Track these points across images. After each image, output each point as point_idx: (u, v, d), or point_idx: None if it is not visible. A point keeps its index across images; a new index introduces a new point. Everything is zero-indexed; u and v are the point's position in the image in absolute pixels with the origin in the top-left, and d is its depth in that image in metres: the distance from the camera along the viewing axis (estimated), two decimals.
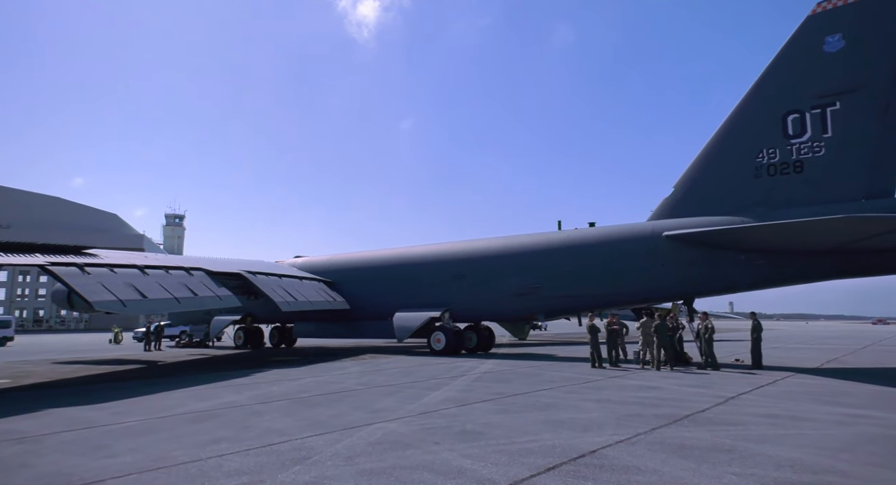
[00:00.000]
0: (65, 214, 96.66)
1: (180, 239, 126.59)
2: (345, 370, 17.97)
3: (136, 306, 16.21)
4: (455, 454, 6.85)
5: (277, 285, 23.75)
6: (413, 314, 24.97)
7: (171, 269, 19.11)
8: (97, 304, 15.03)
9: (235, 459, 6.79)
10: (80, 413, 10.37)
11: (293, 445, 7.49)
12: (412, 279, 26.44)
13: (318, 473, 6.11)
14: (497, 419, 9.20)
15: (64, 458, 7.01)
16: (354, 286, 27.97)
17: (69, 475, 6.19)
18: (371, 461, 6.57)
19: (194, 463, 6.62)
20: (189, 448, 7.40)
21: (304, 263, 30.87)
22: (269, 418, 9.64)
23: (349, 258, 30.18)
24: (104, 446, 7.60)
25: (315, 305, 25.27)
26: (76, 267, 15.62)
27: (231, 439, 7.91)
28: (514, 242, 24.93)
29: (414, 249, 28.17)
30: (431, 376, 16.02)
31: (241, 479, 5.94)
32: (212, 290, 19.36)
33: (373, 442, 7.59)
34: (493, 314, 26.07)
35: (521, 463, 6.42)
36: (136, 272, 17.33)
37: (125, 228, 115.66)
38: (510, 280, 23.83)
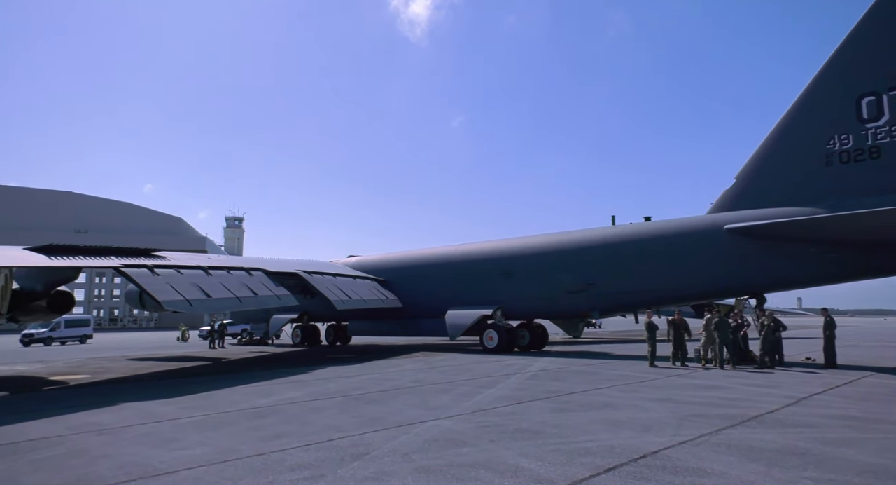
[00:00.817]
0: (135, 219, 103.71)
1: (240, 240, 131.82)
2: (399, 368, 18.19)
3: (201, 306, 16.97)
4: (511, 453, 6.80)
5: (332, 284, 24.31)
6: (465, 312, 25.00)
7: (233, 269, 19.89)
8: (166, 303, 15.84)
9: (297, 453, 6.99)
10: (153, 407, 10.95)
11: (351, 441, 7.64)
12: (464, 277, 26.47)
13: (377, 469, 6.20)
14: (553, 418, 9.07)
15: (140, 449, 7.41)
16: (407, 285, 28.27)
17: (145, 466, 6.54)
18: (428, 458, 6.61)
19: (259, 457, 6.86)
20: (253, 442, 7.67)
21: (357, 263, 31.46)
22: (327, 414, 9.87)
23: (401, 257, 30.51)
24: (175, 439, 7.99)
25: (368, 303, 25.70)
26: (147, 269, 16.51)
27: (292, 434, 8.15)
28: (567, 239, 24.53)
29: (465, 246, 28.18)
30: (485, 373, 15.99)
31: (302, 473, 6.10)
32: (270, 289, 20.02)
33: (429, 439, 7.63)
34: (545, 312, 25.76)
35: (580, 463, 6.30)
36: (200, 273, 18.13)
37: (189, 231, 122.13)
38: (562, 277, 23.46)
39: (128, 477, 6.08)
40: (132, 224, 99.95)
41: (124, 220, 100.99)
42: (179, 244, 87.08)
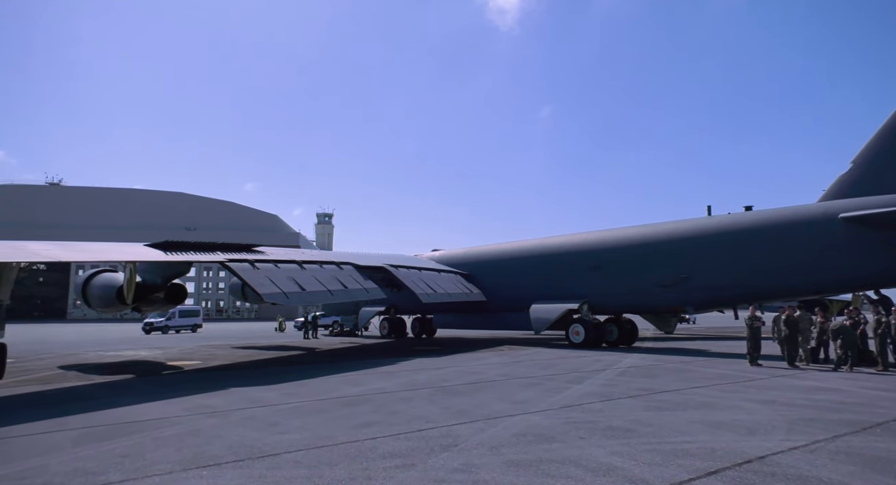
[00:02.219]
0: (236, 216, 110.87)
1: (329, 236, 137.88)
2: (484, 361, 18.26)
3: (296, 298, 17.93)
4: (603, 451, 6.62)
5: (418, 278, 24.79)
6: (550, 306, 24.62)
7: (324, 263, 20.82)
8: (266, 296, 16.89)
9: (388, 442, 7.22)
10: (256, 393, 11.74)
11: (440, 432, 7.77)
12: (548, 271, 26.05)
13: (466, 460, 6.26)
14: (646, 416, 8.72)
15: (246, 431, 7.97)
16: (491, 278, 28.27)
17: (251, 447, 7.03)
18: (516, 453, 6.59)
19: (352, 444, 7.16)
20: (347, 430, 8.01)
21: (442, 256, 31.86)
22: (415, 404, 10.11)
23: (485, 250, 30.55)
24: (277, 423, 8.52)
25: (453, 297, 25.97)
26: (248, 263, 17.69)
27: (383, 423, 8.43)
28: (658, 230, 23.43)
29: (550, 239, 27.71)
30: (572, 369, 15.68)
31: (394, 461, 6.29)
32: (359, 283, 20.77)
33: (517, 434, 7.61)
34: (634, 306, 24.79)
35: (677, 465, 6.01)
36: (295, 267, 19.16)
37: (284, 227, 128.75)
38: (653, 270, 22.47)
39: (236, 457, 6.56)
40: (234, 221, 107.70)
41: (227, 217, 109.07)
42: (275, 240, 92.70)
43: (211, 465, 6.22)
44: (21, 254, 13.64)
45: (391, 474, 5.78)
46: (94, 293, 18.22)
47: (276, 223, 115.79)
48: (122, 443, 7.32)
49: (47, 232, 76.55)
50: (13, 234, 59.19)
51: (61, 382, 14.01)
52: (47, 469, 6.13)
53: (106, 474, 5.93)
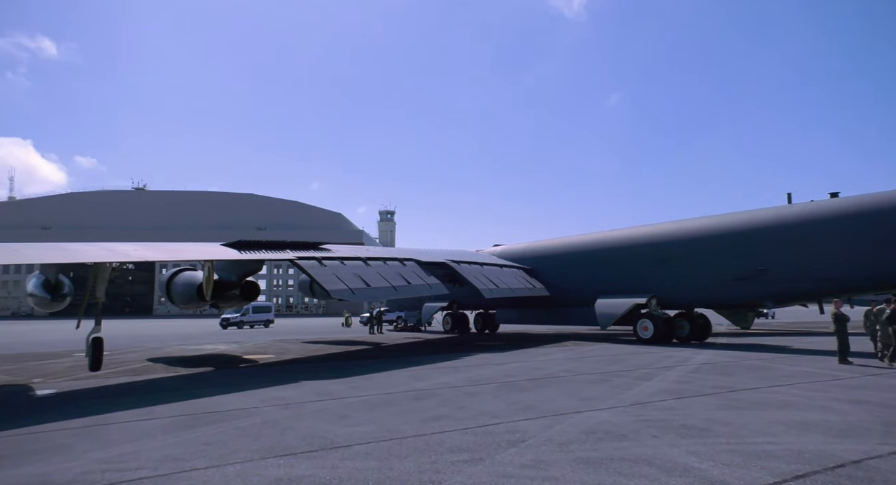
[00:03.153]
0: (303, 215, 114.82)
1: (392, 232, 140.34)
2: (548, 356, 18.03)
3: (362, 294, 18.37)
4: (678, 450, 6.38)
5: (480, 273, 24.78)
6: (616, 301, 23.96)
7: (388, 260, 21.20)
8: (333, 292, 17.40)
9: (455, 436, 7.26)
10: (327, 386, 12.13)
11: (507, 427, 7.74)
12: (614, 264, 25.35)
13: (534, 457, 6.21)
14: (723, 415, 8.33)
15: (318, 423, 8.25)
16: (554, 273, 27.85)
17: (323, 438, 7.27)
18: (586, 450, 6.46)
19: (421, 437, 7.25)
20: (415, 423, 8.13)
21: (503, 251, 31.69)
22: (481, 399, 10.12)
23: (548, 245, 30.11)
24: (347, 416, 8.77)
25: (515, 292, 25.79)
26: (316, 261, 18.29)
27: (449, 418, 8.49)
28: (732, 221, 22.27)
29: (616, 232, 26.93)
30: (641, 365, 15.20)
31: (462, 455, 6.32)
32: (422, 278, 21.00)
33: (585, 430, 7.46)
34: (707, 300, 23.71)
35: (760, 467, 5.70)
36: (360, 264, 19.62)
37: (348, 225, 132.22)
38: (727, 263, 21.39)
39: (310, 447, 6.80)
40: (300, 220, 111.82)
41: (294, 216, 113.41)
42: (339, 238, 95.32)
43: (287, 454, 6.48)
44: (113, 255, 14.72)
45: (459, 468, 5.81)
46: (177, 291, 19.39)
47: (341, 221, 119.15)
48: (206, 432, 7.76)
49: (133, 233, 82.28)
50: (105, 235, 64.11)
51: (150, 373, 15.03)
52: (141, 455, 6.59)
53: (192, 460, 6.30)
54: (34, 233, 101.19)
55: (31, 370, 16.01)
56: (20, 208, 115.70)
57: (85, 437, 7.60)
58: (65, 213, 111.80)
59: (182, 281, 19.42)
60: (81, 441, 7.34)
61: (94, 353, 14.94)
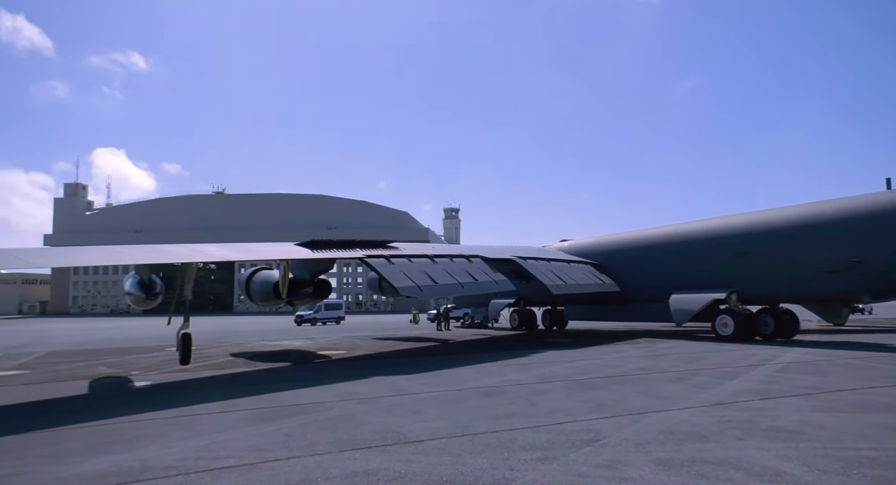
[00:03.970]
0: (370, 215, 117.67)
1: (457, 230, 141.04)
2: (621, 354, 17.51)
3: (429, 291, 18.57)
4: (767, 454, 6.00)
5: (547, 269, 24.42)
6: (693, 296, 22.92)
7: (454, 257, 21.30)
8: (401, 289, 17.70)
9: (527, 434, 7.19)
10: (398, 381, 12.36)
11: (580, 426, 7.58)
12: (690, 258, 24.24)
13: (610, 456, 6.04)
14: (817, 418, 7.76)
15: (391, 418, 8.42)
16: (625, 268, 27.01)
17: (397, 433, 7.40)
18: (665, 451, 6.21)
19: (492, 434, 7.24)
20: (485, 420, 8.12)
21: (571, 247, 31.08)
22: (552, 397, 9.97)
23: (618, 239, 29.24)
24: (419, 411, 8.89)
25: (584, 287, 25.22)
26: (384, 259, 18.66)
27: (520, 415, 8.42)
28: (821, 210, 20.73)
29: (691, 225, 25.75)
30: (720, 363, 14.46)
31: (535, 453, 6.25)
32: (489, 275, 20.95)
33: (664, 431, 7.18)
34: (793, 295, 22.25)
35: (862, 474, 5.26)
36: (427, 261, 19.83)
37: (413, 223, 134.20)
38: (815, 255, 19.95)
39: (384, 441, 6.95)
40: (368, 219, 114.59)
41: (362, 215, 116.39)
42: (405, 236, 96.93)
43: (362, 448, 6.65)
44: (198, 255, 15.66)
45: (533, 466, 5.75)
46: (255, 289, 20.38)
47: (406, 219, 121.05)
48: (286, 424, 8.10)
49: (214, 235, 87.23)
50: (189, 237, 68.37)
51: (232, 367, 15.89)
52: (228, 444, 6.98)
53: (274, 451, 6.60)
54: (128, 236, 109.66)
55: (129, 364, 17.33)
56: (116, 213, 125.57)
57: (178, 426, 8.14)
58: (154, 216, 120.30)
59: (260, 280, 20.38)
60: (175, 430, 7.86)
61: (183, 348, 15.99)
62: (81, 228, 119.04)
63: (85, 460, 6.39)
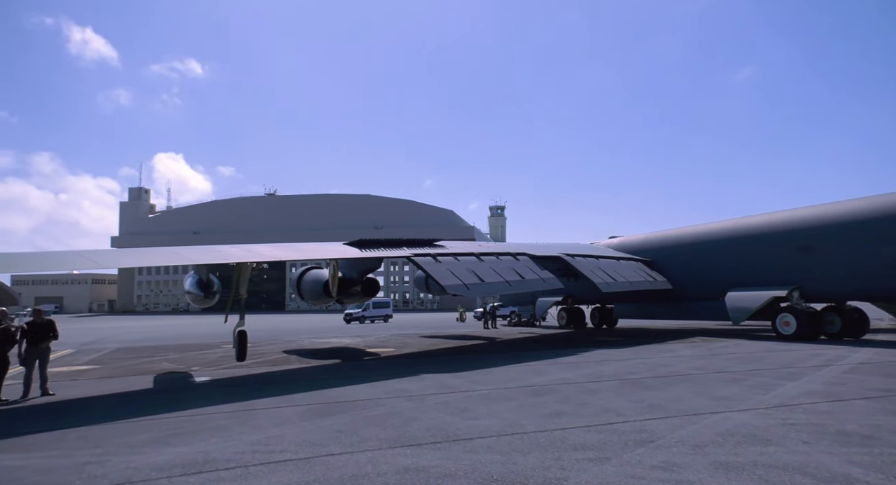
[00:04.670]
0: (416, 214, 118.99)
1: (503, 228, 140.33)
2: (674, 353, 17.01)
3: (476, 289, 18.54)
4: (837, 459, 5.70)
5: (595, 266, 23.96)
6: (751, 293, 21.99)
7: (501, 255, 21.20)
8: (448, 287, 17.76)
9: (578, 434, 7.09)
10: (446, 379, 12.42)
11: (633, 426, 7.41)
12: (748, 254, 23.25)
13: (666, 458, 5.88)
14: (892, 422, 7.31)
15: (440, 415, 8.47)
16: (677, 264, 26.19)
17: (446, 431, 7.44)
18: (724, 454, 5.99)
19: (542, 433, 7.17)
20: (534, 419, 8.05)
21: (620, 243, 30.38)
22: (603, 396, 9.79)
23: (670, 235, 28.37)
24: (467, 409, 8.90)
25: (635, 285, 24.59)
26: (431, 257, 18.78)
27: (571, 414, 8.30)
28: (892, 202, 19.47)
29: (749, 219, 24.68)
30: (782, 364, 13.82)
31: (586, 453, 6.15)
32: (536, 273, 20.73)
33: (722, 433, 6.93)
34: (862, 292, 21.01)
35: None
36: (474, 259, 19.82)
37: (459, 222, 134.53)
38: (887, 249, 18.75)
39: (434, 439, 7.00)
40: (414, 218, 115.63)
41: (408, 215, 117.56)
42: (451, 234, 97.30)
43: (413, 445, 6.73)
44: (252, 255, 16.21)
45: (585, 467, 5.66)
46: (306, 288, 20.91)
47: (452, 218, 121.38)
48: (338, 420, 8.29)
49: (266, 235, 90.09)
50: (243, 238, 70.95)
51: (286, 364, 16.37)
52: (284, 439, 7.20)
53: (328, 446, 6.76)
54: (186, 237, 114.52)
55: (190, 360, 18.12)
56: (175, 216, 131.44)
57: (236, 420, 8.45)
58: (211, 218, 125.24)
59: (310, 279, 20.88)
60: (233, 424, 8.17)
61: (239, 345, 16.59)
62: (144, 231, 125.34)
63: (153, 451, 6.73)
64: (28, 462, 6.41)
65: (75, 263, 13.34)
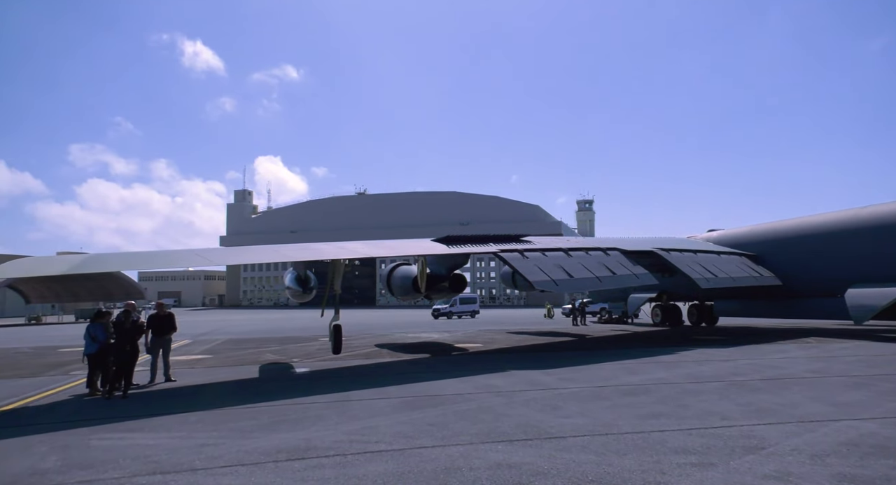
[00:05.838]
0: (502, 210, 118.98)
1: (591, 222, 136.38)
2: (785, 354, 15.72)
3: (565, 285, 18.18)
4: None
5: (693, 261, 22.66)
6: (876, 290, 19.83)
7: (590, 250, 20.60)
8: (536, 283, 17.55)
9: (678, 437, 6.74)
10: (535, 376, 12.29)
11: (740, 431, 6.93)
12: (875, 246, 20.95)
13: (779, 467, 5.44)
14: None
15: (530, 412, 8.39)
16: (786, 259, 24.16)
17: (537, 428, 7.36)
18: (849, 465, 5.45)
19: (638, 434, 6.90)
20: (630, 419, 7.76)
21: (720, 237, 28.52)
22: (705, 398, 9.24)
23: (778, 227, 26.22)
24: (558, 407, 8.75)
25: (737, 281, 22.97)
26: (518, 253, 18.63)
27: (669, 416, 7.92)
28: None
29: (876, 208, 22.19)
30: None
31: (689, 458, 5.84)
32: (628, 268, 19.95)
33: (845, 442, 6.31)
34: None
35: None
36: (562, 255, 19.42)
37: (545, 217, 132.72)
38: None
39: (525, 435, 6.94)
40: (500, 214, 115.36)
41: (494, 211, 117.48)
42: (538, 229, 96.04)
43: (503, 441, 6.72)
44: (346, 252, 16.93)
45: (687, 472, 5.37)
46: (396, 283, 21.50)
47: (538, 213, 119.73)
48: (429, 413, 8.45)
49: (358, 233, 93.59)
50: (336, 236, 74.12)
51: (378, 357, 16.93)
52: (378, 430, 7.45)
53: (420, 438, 6.91)
54: (285, 236, 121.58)
55: (290, 351, 19.24)
56: (275, 216, 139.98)
57: (334, 410, 8.87)
58: (306, 217, 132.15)
59: (400, 275, 21.44)
60: (331, 414, 8.58)
61: (335, 338, 17.40)
62: (248, 230, 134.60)
63: (261, 436, 7.22)
64: (157, 442, 7.10)
65: (191, 260, 14.64)
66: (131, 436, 7.46)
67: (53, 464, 6.16)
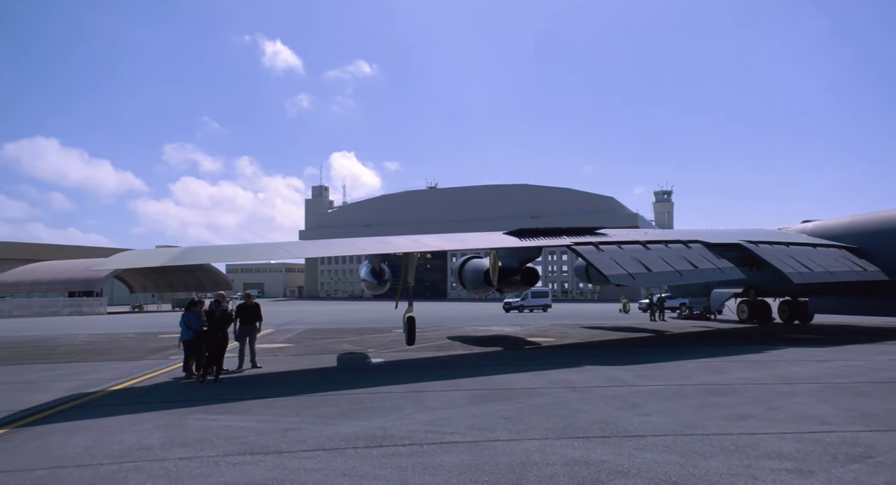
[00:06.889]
0: (574, 202, 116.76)
1: (669, 214, 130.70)
2: (892, 356, 14.36)
3: (642, 279, 17.49)
4: None
5: (785, 254, 21.12)
6: None
7: (669, 242, 19.69)
8: (612, 277, 17.01)
9: (770, 440, 6.34)
10: (611, 372, 11.95)
11: (842, 437, 6.41)
12: None
13: (891, 478, 4.98)
14: None
15: (607, 409, 8.17)
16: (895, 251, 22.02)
17: (615, 425, 7.15)
18: None
19: (725, 436, 6.54)
20: (716, 420, 7.38)
21: (816, 228, 26.39)
22: (800, 401, 8.63)
23: (884, 217, 23.95)
24: (637, 405, 8.46)
25: (836, 276, 21.19)
26: (592, 245, 18.12)
27: (759, 418, 7.46)
28: None
29: None
30: None
31: (784, 463, 5.47)
32: (711, 262, 18.92)
33: None
34: None
35: None
36: (639, 248, 18.69)
37: (620, 209, 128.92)
38: None
39: (603, 433, 6.77)
40: (572, 206, 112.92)
41: (566, 203, 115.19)
42: (612, 221, 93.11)
43: (580, 437, 6.58)
44: (419, 245, 17.18)
45: (783, 478, 5.03)
46: (468, 277, 21.57)
47: (613, 205, 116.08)
48: (503, 406, 8.43)
49: (428, 226, 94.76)
50: (407, 230, 75.45)
51: (451, 350, 17.09)
52: (453, 421, 7.52)
53: (495, 431, 6.91)
54: (359, 230, 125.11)
55: (367, 342, 19.82)
56: (350, 210, 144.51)
57: (409, 400, 9.05)
58: (379, 212, 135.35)
59: (471, 268, 21.49)
60: (407, 404, 8.76)
61: (408, 329, 17.73)
62: (325, 225, 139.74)
63: (340, 423, 7.49)
64: (246, 424, 7.55)
65: (274, 253, 15.39)
66: (223, 418, 7.97)
67: (157, 440, 6.70)
